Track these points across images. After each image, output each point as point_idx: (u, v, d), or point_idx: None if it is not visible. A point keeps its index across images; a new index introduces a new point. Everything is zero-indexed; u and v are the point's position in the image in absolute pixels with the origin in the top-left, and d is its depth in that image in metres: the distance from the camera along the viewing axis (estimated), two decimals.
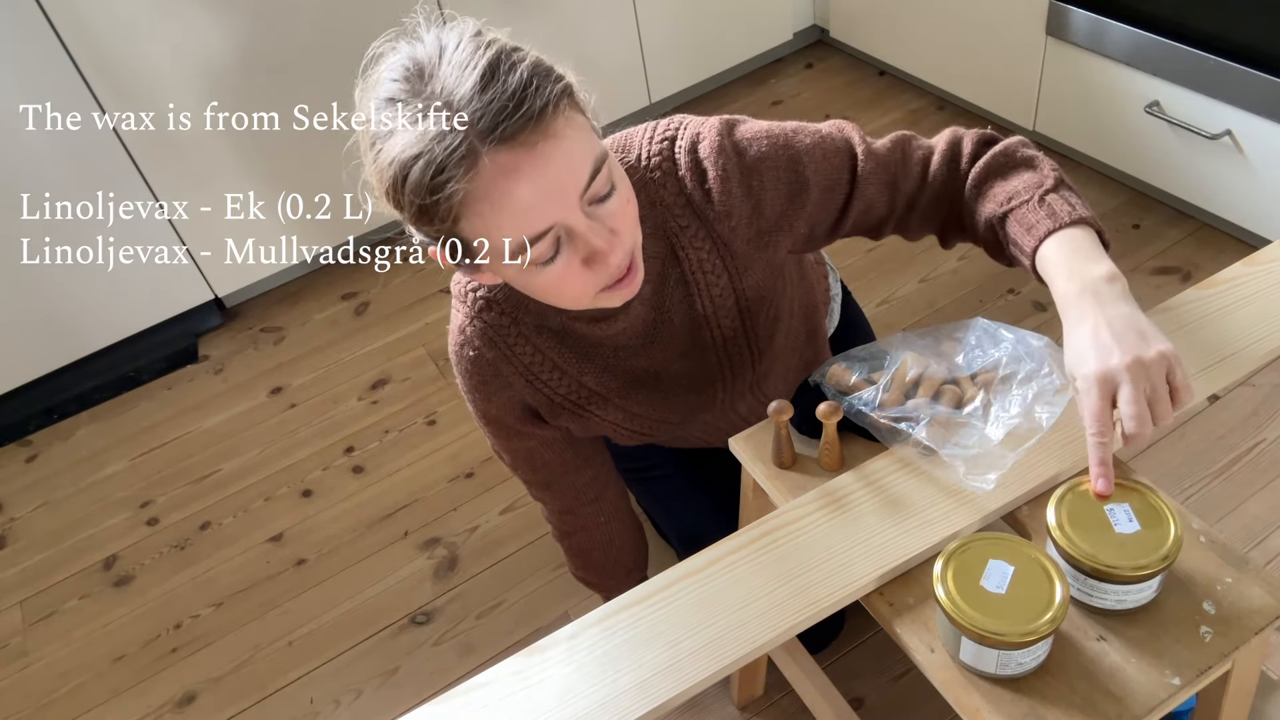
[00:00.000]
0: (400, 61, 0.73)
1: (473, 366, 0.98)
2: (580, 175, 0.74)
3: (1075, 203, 0.85)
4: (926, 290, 1.87)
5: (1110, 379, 0.74)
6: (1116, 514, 0.74)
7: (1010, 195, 0.87)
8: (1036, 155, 0.91)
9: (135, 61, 1.74)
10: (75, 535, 1.75)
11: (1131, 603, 0.74)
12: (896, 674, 1.33)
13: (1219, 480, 1.46)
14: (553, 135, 0.71)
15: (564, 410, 1.01)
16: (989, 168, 0.90)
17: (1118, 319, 0.76)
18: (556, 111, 0.72)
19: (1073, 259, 0.81)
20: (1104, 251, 0.83)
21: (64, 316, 1.92)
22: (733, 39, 2.41)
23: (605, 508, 1.18)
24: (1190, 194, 1.82)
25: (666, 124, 0.91)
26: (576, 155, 0.73)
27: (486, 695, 0.76)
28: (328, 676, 1.47)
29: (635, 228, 0.81)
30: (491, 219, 0.73)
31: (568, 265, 0.77)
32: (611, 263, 0.78)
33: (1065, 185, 0.87)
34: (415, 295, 2.11)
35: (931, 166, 0.93)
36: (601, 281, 0.80)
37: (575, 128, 0.74)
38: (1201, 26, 1.62)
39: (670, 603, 0.79)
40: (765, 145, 0.90)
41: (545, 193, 0.72)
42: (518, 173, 0.71)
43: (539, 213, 0.73)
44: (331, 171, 2.04)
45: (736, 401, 1.07)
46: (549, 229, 0.74)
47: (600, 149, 0.76)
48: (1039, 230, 0.84)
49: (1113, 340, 0.75)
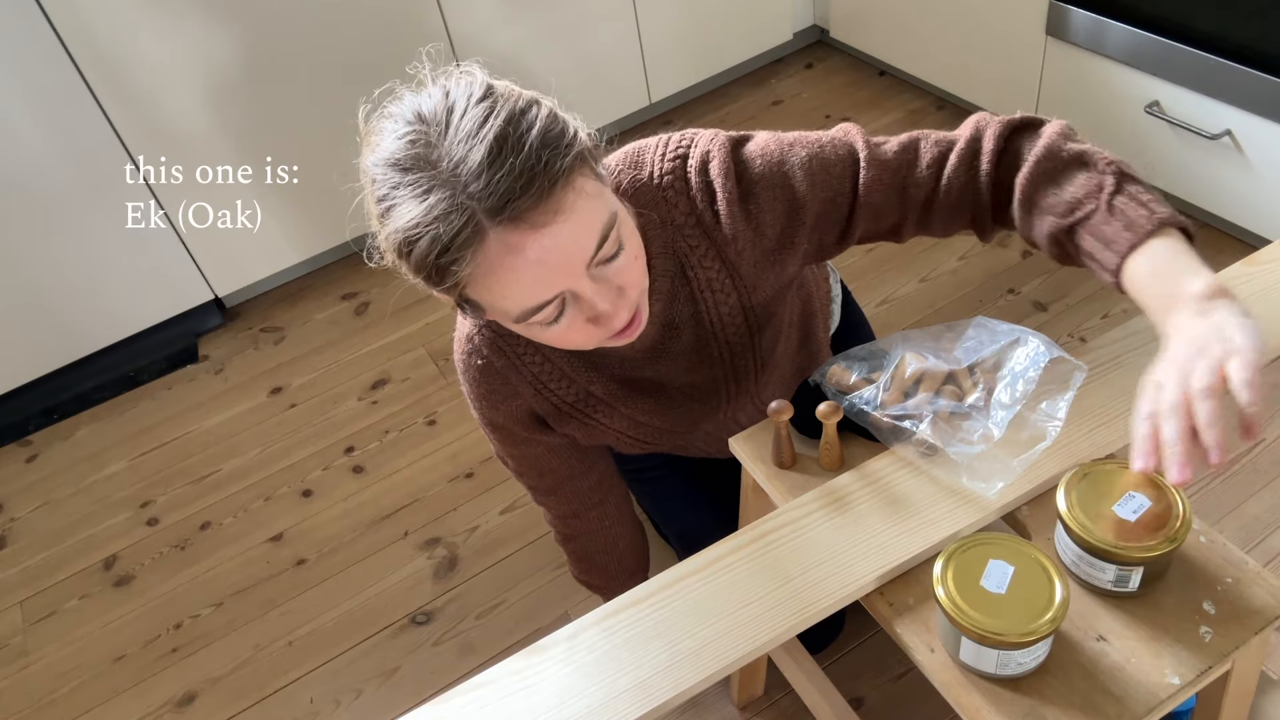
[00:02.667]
0: (405, 117, 0.72)
1: (481, 375, 0.98)
2: (587, 247, 0.73)
3: (1147, 199, 0.77)
4: (926, 290, 1.87)
5: (1154, 416, 0.70)
6: (1127, 502, 0.75)
7: (1071, 205, 0.80)
8: (1085, 149, 0.82)
9: (135, 61, 1.74)
10: (75, 535, 1.75)
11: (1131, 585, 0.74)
12: (896, 674, 1.33)
13: (1219, 480, 1.46)
14: (561, 210, 0.70)
15: (571, 418, 1.01)
16: (1037, 175, 0.82)
17: (1203, 334, 0.70)
18: (566, 185, 0.70)
19: (1169, 277, 0.74)
20: (1196, 257, 0.75)
21: (64, 316, 1.92)
22: (733, 39, 2.41)
23: (609, 511, 1.18)
24: (1190, 194, 1.82)
25: (679, 140, 0.90)
26: (583, 228, 0.72)
27: (486, 695, 0.76)
28: (328, 676, 1.47)
29: (642, 278, 0.81)
30: (497, 290, 0.73)
31: (571, 324, 0.78)
32: (615, 324, 0.79)
33: (1128, 178, 0.79)
34: (415, 295, 2.11)
35: (947, 168, 0.87)
36: (606, 335, 0.81)
37: (585, 197, 0.72)
38: (1202, 27, 1.62)
39: (670, 603, 0.79)
40: (760, 164, 0.88)
41: (551, 268, 0.72)
42: (524, 252, 0.70)
43: (544, 285, 0.73)
44: (333, 171, 2.04)
45: (738, 412, 1.07)
46: (554, 298, 0.74)
47: (608, 213, 0.75)
48: (1119, 245, 0.76)
49: (1179, 366, 0.69)
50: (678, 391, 1.02)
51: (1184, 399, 0.68)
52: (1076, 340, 1.70)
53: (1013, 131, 0.86)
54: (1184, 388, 0.68)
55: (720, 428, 1.09)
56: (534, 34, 2.09)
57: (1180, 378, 0.69)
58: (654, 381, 1.00)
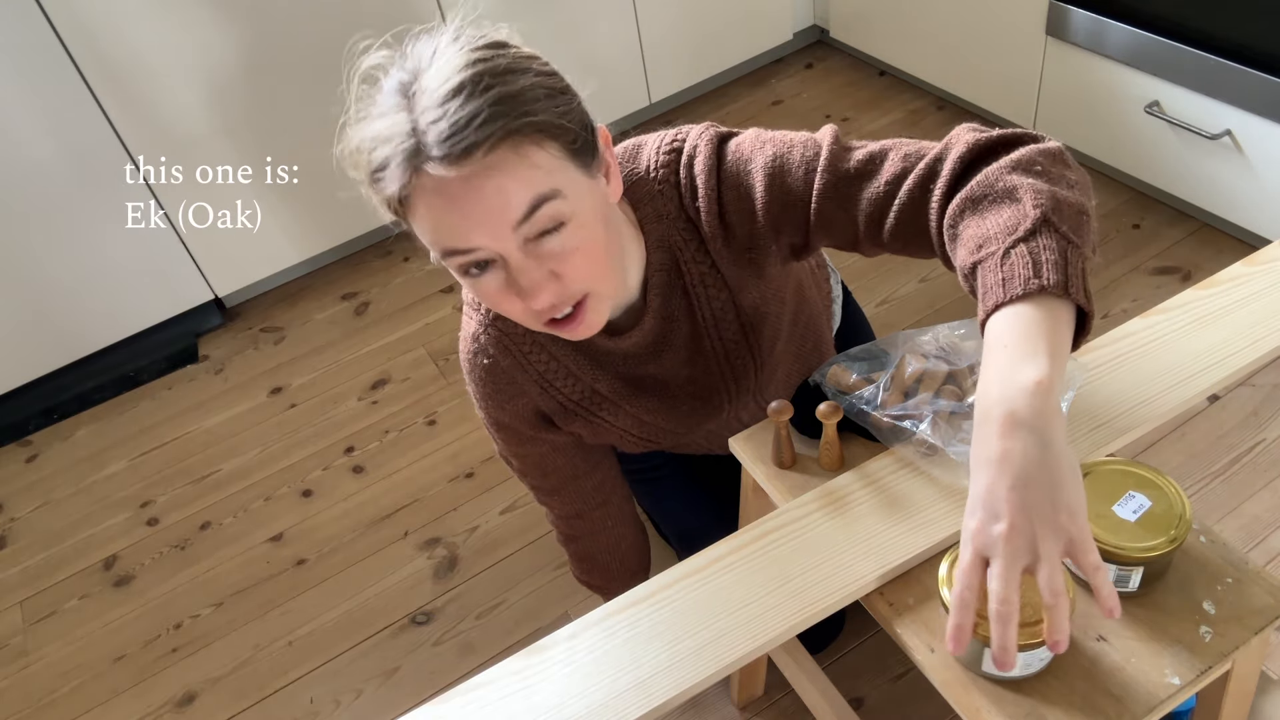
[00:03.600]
0: (407, 43, 0.76)
1: (487, 374, 0.98)
2: (515, 209, 0.73)
3: (1047, 257, 0.66)
4: (926, 290, 1.87)
5: (987, 547, 0.62)
6: (1127, 502, 0.75)
7: (981, 241, 0.70)
8: (1023, 182, 0.71)
9: (135, 61, 1.74)
10: (75, 535, 1.75)
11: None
12: (896, 674, 1.33)
13: (1219, 480, 1.46)
14: (494, 167, 0.71)
15: (577, 416, 1.02)
16: (964, 202, 0.73)
17: (1027, 467, 0.61)
18: (510, 147, 0.72)
19: (1005, 354, 0.65)
20: (1055, 339, 0.65)
21: (64, 316, 1.92)
22: (733, 39, 2.41)
23: (612, 512, 1.18)
24: (1190, 194, 1.82)
25: (674, 135, 0.90)
26: (513, 190, 0.73)
27: (486, 695, 0.76)
28: (328, 676, 1.47)
29: (591, 274, 0.79)
30: (421, 224, 0.76)
31: (501, 287, 0.78)
32: (540, 304, 0.77)
33: (1048, 226, 0.68)
34: (415, 295, 2.11)
35: (903, 187, 0.79)
36: (536, 316, 0.80)
37: (527, 164, 0.73)
38: (1202, 26, 1.62)
39: (670, 603, 0.79)
40: (731, 162, 0.87)
41: (471, 219, 0.73)
42: (449, 195, 0.72)
43: (462, 235, 0.74)
44: (333, 171, 2.04)
45: (741, 410, 1.07)
46: (473, 249, 0.75)
47: (550, 187, 0.74)
48: (988, 301, 0.67)
49: (1007, 499, 0.61)
50: (681, 389, 1.02)
51: (981, 574, 0.62)
52: None
53: (982, 153, 0.77)
54: (1007, 566, 0.61)
55: (724, 426, 1.09)
56: (534, 33, 2.07)
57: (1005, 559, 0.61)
58: (657, 379, 1.00)
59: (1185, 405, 0.87)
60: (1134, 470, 0.77)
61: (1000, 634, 0.61)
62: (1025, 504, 0.61)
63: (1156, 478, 0.76)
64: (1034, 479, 0.61)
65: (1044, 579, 0.61)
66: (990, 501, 0.62)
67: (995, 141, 0.76)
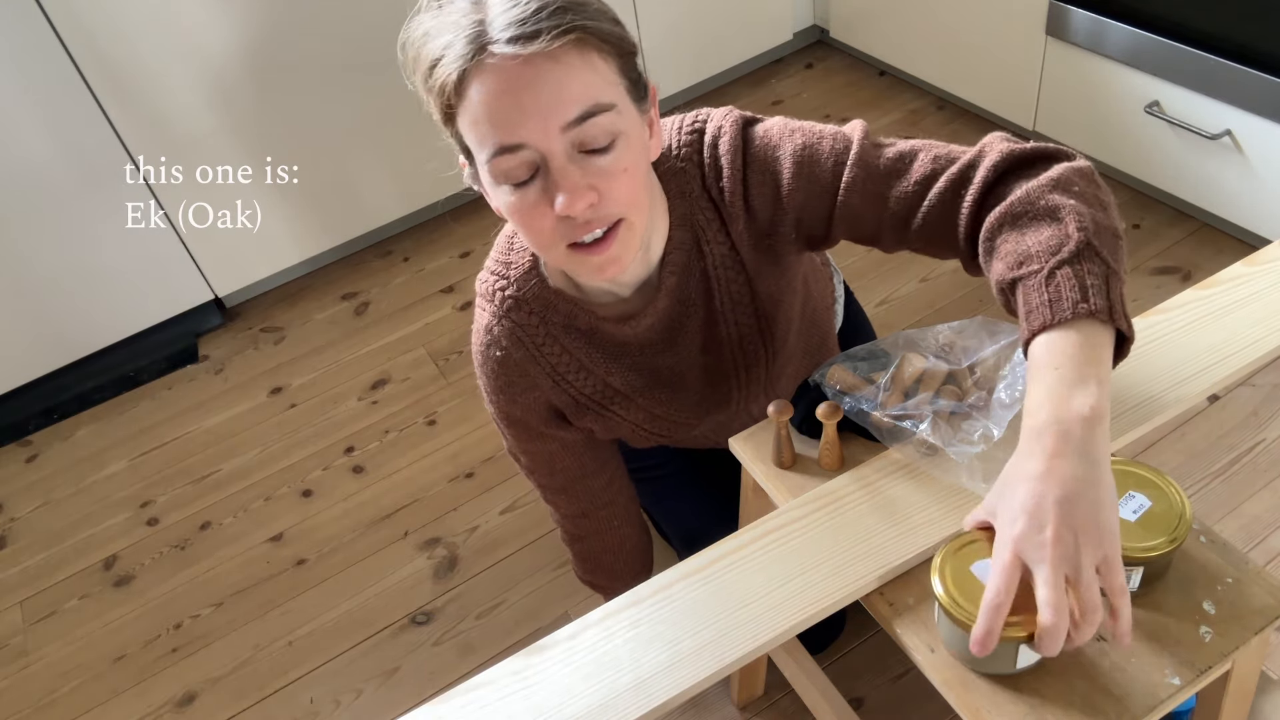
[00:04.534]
0: None
1: (500, 367, 0.98)
2: (568, 107, 0.73)
3: (1092, 282, 0.69)
4: (926, 290, 1.87)
5: (1029, 552, 0.64)
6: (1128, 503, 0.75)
7: (1022, 258, 0.72)
8: (1069, 203, 0.73)
9: (135, 61, 1.74)
10: (75, 535, 1.75)
11: None
12: (896, 674, 1.33)
13: (1219, 480, 1.46)
14: (558, 60, 0.72)
15: (588, 410, 1.02)
16: (1005, 217, 0.75)
17: (1074, 484, 0.63)
18: (575, 44, 0.72)
19: (1056, 375, 0.67)
20: (1102, 366, 0.68)
21: (64, 316, 1.92)
22: (733, 39, 2.41)
23: (618, 512, 1.18)
24: (1190, 194, 1.82)
25: (694, 116, 0.92)
26: (572, 87, 0.73)
27: (486, 695, 0.76)
28: (328, 676, 1.47)
29: (630, 203, 0.79)
30: (475, 113, 0.75)
31: (538, 199, 0.77)
32: (575, 209, 0.76)
33: (1091, 250, 0.70)
34: (415, 295, 2.11)
35: (933, 189, 0.81)
36: (567, 234, 0.79)
37: (589, 68, 0.74)
38: (1202, 26, 1.62)
39: (670, 603, 0.79)
40: (758, 146, 0.88)
41: (525, 108, 0.73)
42: (507, 78, 0.72)
43: (515, 124, 0.74)
44: (333, 171, 2.04)
45: (750, 402, 1.07)
46: (521, 145, 0.74)
47: (607, 98, 0.75)
48: (1034, 320, 0.70)
49: (1053, 510, 0.63)
50: (692, 378, 1.02)
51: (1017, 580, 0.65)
52: None
53: (1015, 164, 0.79)
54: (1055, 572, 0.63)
55: (733, 418, 1.09)
56: None
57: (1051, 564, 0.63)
58: (671, 369, 1.00)
59: (1185, 405, 0.87)
60: (1134, 470, 0.77)
61: (1049, 644, 0.64)
62: (1071, 518, 0.63)
63: (1156, 478, 0.76)
64: (1082, 496, 0.63)
65: (1083, 589, 0.63)
66: (1037, 512, 0.64)
67: (1029, 154, 0.79)
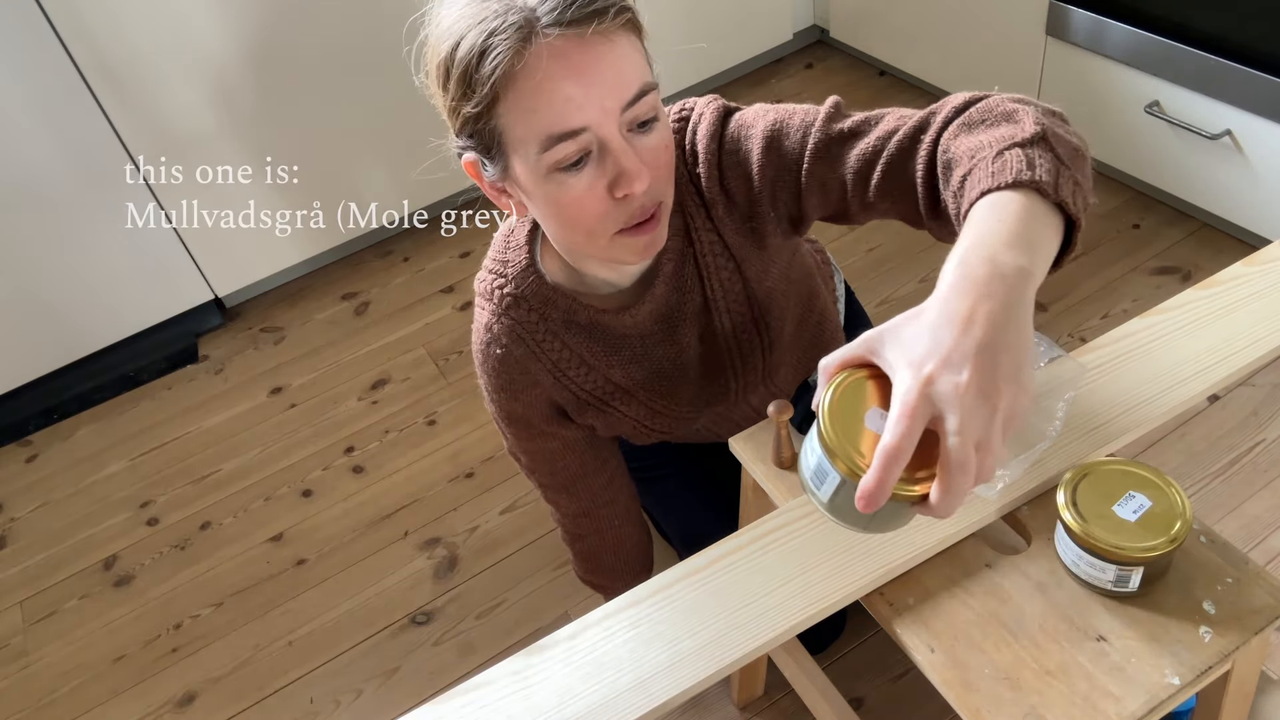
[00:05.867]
0: None
1: (500, 365, 0.98)
2: (628, 87, 0.74)
3: (1041, 163, 0.63)
4: (927, 290, 1.86)
5: (944, 397, 0.54)
6: (1127, 502, 0.75)
7: (973, 152, 0.67)
8: (1026, 110, 0.70)
9: (135, 61, 1.74)
10: (75, 535, 1.75)
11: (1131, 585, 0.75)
12: (897, 674, 1.33)
13: (1219, 480, 1.46)
14: (613, 41, 0.73)
15: (590, 407, 1.02)
16: (960, 126, 0.71)
17: (1001, 331, 0.55)
18: (620, 20, 0.73)
19: (993, 227, 0.60)
20: (1039, 236, 0.60)
21: (64, 316, 1.92)
22: (733, 39, 2.41)
23: (619, 511, 1.18)
24: (1190, 194, 1.82)
25: (681, 105, 0.93)
26: (628, 67, 0.74)
27: (486, 695, 0.76)
28: (328, 676, 1.47)
29: (668, 181, 0.81)
30: (530, 102, 0.73)
31: (592, 184, 0.76)
32: (637, 189, 0.76)
33: (1044, 142, 0.66)
34: (415, 295, 2.11)
35: (895, 138, 0.77)
36: (622, 218, 0.79)
37: (634, 50, 0.75)
38: (1202, 26, 1.62)
39: (670, 603, 0.79)
40: (732, 131, 0.89)
41: (588, 90, 0.72)
42: (567, 61, 0.71)
43: (576, 108, 0.73)
44: (333, 171, 2.04)
45: (749, 393, 1.07)
46: (582, 129, 0.74)
47: (651, 79, 0.77)
48: (974, 190, 0.64)
49: (977, 355, 0.54)
50: (691, 371, 1.02)
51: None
52: (1076, 340, 1.70)
53: (979, 101, 0.75)
54: (967, 422, 0.54)
55: (732, 408, 1.09)
56: None
57: (965, 413, 0.53)
58: (672, 361, 1.01)
59: (1185, 405, 0.87)
60: (1134, 470, 0.77)
61: (948, 503, 0.55)
62: (993, 367, 0.54)
63: (1157, 478, 0.76)
64: (1008, 346, 0.55)
65: (994, 443, 0.55)
66: (954, 356, 0.54)
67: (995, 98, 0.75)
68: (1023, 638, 0.75)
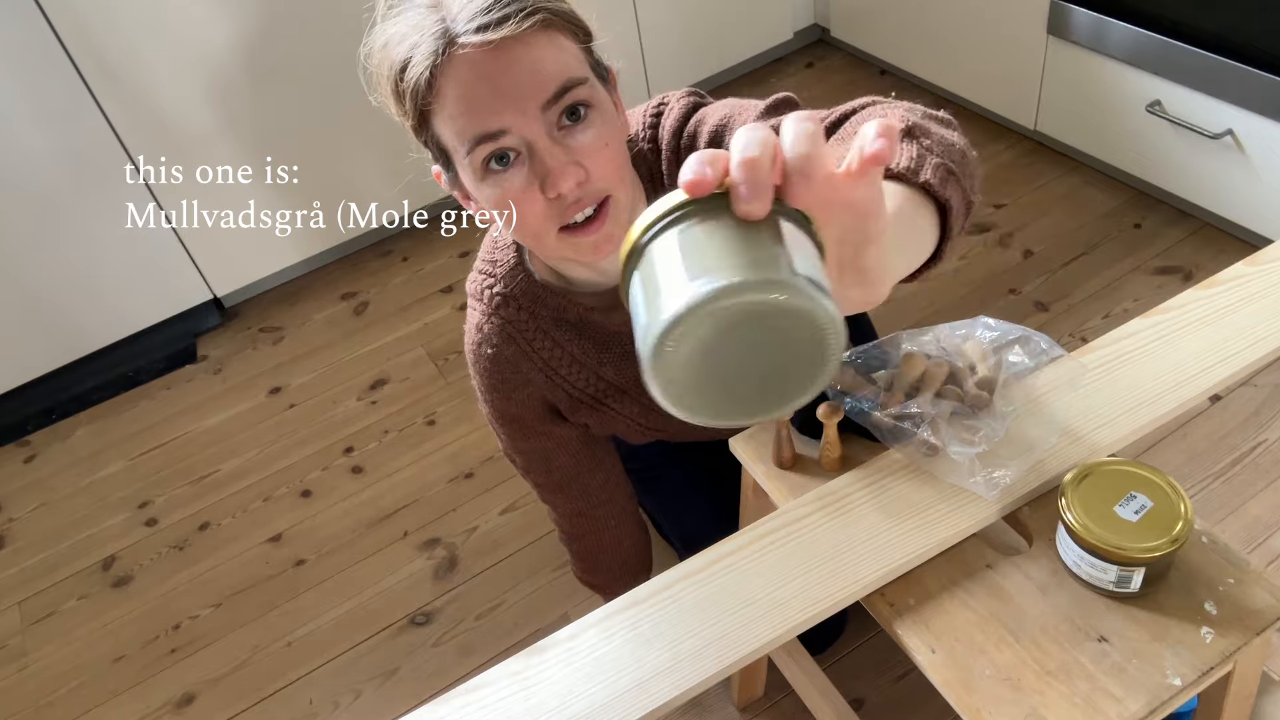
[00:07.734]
0: None
1: (491, 364, 0.98)
2: (544, 87, 0.74)
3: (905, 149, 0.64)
4: (926, 290, 1.87)
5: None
6: (1128, 503, 0.75)
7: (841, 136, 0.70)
8: (894, 113, 0.71)
9: (135, 61, 1.74)
10: (74, 535, 1.75)
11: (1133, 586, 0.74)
12: (897, 675, 1.33)
13: (1220, 481, 1.46)
14: (527, 43, 0.73)
15: (583, 405, 1.02)
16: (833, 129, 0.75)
17: None
18: (540, 27, 0.73)
19: None
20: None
21: (63, 316, 1.92)
22: (733, 38, 2.41)
23: (615, 510, 1.18)
24: (1192, 193, 1.81)
25: (658, 100, 0.94)
26: (546, 66, 0.74)
27: (486, 696, 0.76)
28: (328, 677, 1.47)
29: (617, 176, 0.80)
30: (453, 109, 0.75)
31: (526, 185, 0.77)
32: (563, 187, 0.76)
33: (909, 136, 0.65)
34: (415, 295, 2.11)
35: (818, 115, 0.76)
36: (558, 216, 0.79)
37: (556, 48, 0.75)
38: (1203, 26, 1.62)
39: (670, 603, 0.79)
40: (692, 124, 0.90)
41: (502, 93, 0.73)
42: (479, 67, 0.73)
43: (492, 112, 0.74)
44: (332, 171, 2.04)
45: None
46: (501, 131, 0.74)
47: (579, 74, 0.76)
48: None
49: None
50: None
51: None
52: (1077, 340, 1.70)
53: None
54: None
55: None
56: None
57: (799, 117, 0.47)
58: None
59: (1186, 405, 0.86)
60: (1135, 470, 0.77)
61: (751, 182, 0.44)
62: None
63: (1158, 478, 0.76)
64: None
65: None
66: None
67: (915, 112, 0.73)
68: (1024, 638, 0.75)
